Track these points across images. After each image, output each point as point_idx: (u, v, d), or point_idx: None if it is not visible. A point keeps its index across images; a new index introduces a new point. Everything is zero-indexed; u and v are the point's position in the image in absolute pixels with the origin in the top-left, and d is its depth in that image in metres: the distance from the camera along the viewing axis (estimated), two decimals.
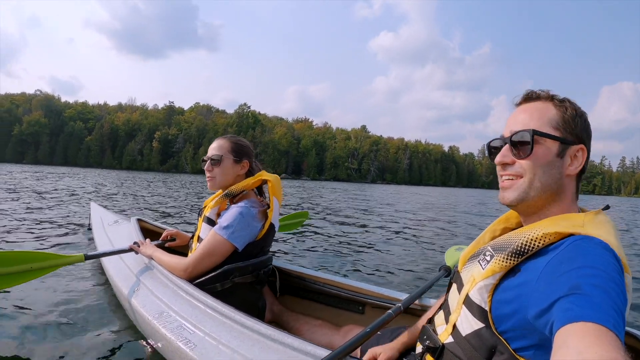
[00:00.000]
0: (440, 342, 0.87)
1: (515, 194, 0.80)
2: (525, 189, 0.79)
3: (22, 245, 3.80)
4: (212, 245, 1.55)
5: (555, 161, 0.77)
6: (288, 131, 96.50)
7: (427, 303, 1.49)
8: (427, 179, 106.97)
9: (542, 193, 0.78)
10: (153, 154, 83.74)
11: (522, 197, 0.79)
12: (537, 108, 0.80)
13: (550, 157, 0.77)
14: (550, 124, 0.78)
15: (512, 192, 0.80)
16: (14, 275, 1.53)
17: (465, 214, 11.32)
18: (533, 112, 0.80)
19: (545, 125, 0.78)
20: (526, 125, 0.79)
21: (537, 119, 0.79)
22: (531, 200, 0.79)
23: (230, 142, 1.73)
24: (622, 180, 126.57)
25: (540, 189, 0.78)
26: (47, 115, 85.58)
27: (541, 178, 0.78)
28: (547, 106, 0.80)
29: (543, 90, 0.83)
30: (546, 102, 0.81)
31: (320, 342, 1.55)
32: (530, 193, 0.78)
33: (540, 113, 0.79)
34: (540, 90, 0.83)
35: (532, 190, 0.78)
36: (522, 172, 0.79)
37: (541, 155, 0.77)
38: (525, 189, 0.79)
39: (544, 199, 0.79)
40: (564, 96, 0.81)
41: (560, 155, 0.77)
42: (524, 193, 0.79)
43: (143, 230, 2.60)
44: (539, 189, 0.78)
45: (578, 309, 0.54)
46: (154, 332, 1.36)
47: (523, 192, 0.79)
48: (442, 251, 4.86)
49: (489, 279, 0.76)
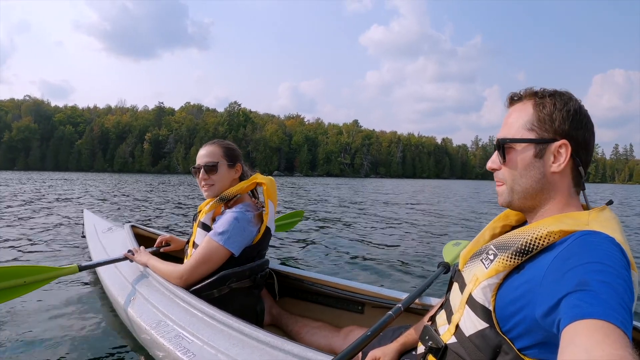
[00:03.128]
0: (442, 343, 0.86)
1: (502, 199, 0.83)
2: (508, 193, 0.81)
3: (15, 254, 3.73)
4: (208, 252, 1.51)
5: (533, 162, 0.77)
6: (279, 128, 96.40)
7: (427, 302, 1.48)
8: (421, 172, 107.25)
9: (525, 195, 0.79)
10: (144, 155, 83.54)
11: (509, 202, 0.82)
12: (517, 111, 0.81)
13: (527, 160, 0.77)
14: (525, 126, 0.78)
15: (501, 197, 0.83)
16: (7, 291, 1.51)
17: (460, 207, 10.98)
18: (513, 116, 0.81)
19: (520, 129, 0.78)
20: (505, 132, 0.81)
21: (514, 124, 0.80)
22: (517, 203, 0.81)
23: (221, 147, 1.68)
24: (616, 168, 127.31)
25: (522, 192, 0.79)
26: (36, 120, 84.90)
27: (520, 182, 0.79)
28: (525, 107, 0.80)
29: (528, 88, 0.82)
30: (527, 102, 0.80)
31: (321, 345, 1.57)
32: (514, 197, 0.80)
33: (517, 117, 0.80)
34: (524, 90, 0.82)
35: (515, 194, 0.80)
36: (503, 179, 0.82)
37: (516, 161, 0.79)
38: (508, 194, 0.81)
39: (530, 200, 0.79)
40: (552, 88, 0.79)
41: (539, 156, 0.77)
42: (508, 197, 0.81)
43: (137, 236, 2.58)
44: (520, 193, 0.79)
45: (585, 306, 0.54)
46: (152, 342, 1.34)
47: (508, 196, 0.81)
48: (439, 246, 4.71)
49: (492, 279, 0.76)
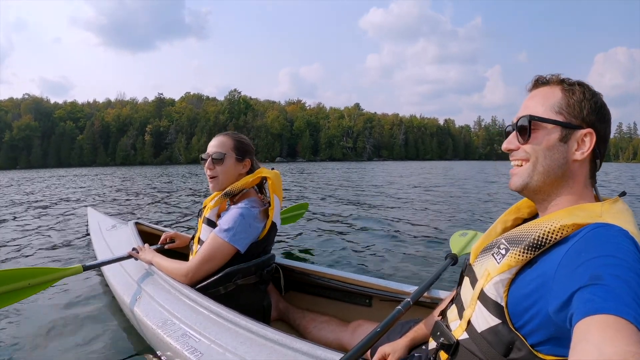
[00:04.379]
0: (454, 339, 0.85)
1: (520, 179, 0.81)
2: (529, 172, 0.79)
3: (20, 254, 3.69)
4: (213, 249, 1.49)
5: (557, 145, 0.77)
6: (280, 114, 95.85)
7: (435, 295, 1.46)
8: (424, 154, 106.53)
9: (545, 177, 0.78)
10: (146, 147, 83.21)
11: (526, 183, 0.80)
12: (543, 93, 0.81)
13: (552, 142, 0.77)
14: (553, 108, 0.78)
15: (518, 178, 0.81)
16: (12, 293, 1.50)
17: (468, 192, 10.39)
18: (538, 98, 0.81)
19: (548, 110, 0.78)
20: (530, 111, 0.80)
21: (541, 105, 0.79)
22: (535, 184, 0.79)
23: (232, 139, 1.65)
24: (620, 147, 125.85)
25: (543, 173, 0.78)
26: (36, 118, 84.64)
27: (543, 162, 0.78)
28: (553, 91, 0.80)
29: (554, 74, 0.82)
30: (554, 86, 0.80)
31: (329, 339, 1.57)
32: (534, 177, 0.79)
33: (544, 98, 0.80)
34: (550, 74, 0.83)
35: (536, 174, 0.79)
36: (526, 156, 0.80)
37: (541, 139, 0.78)
38: (529, 173, 0.79)
39: (549, 183, 0.79)
40: (577, 79, 0.80)
41: (564, 140, 0.77)
42: (528, 177, 0.79)
43: (141, 233, 2.54)
44: (541, 173, 0.78)
45: (598, 301, 0.53)
46: (158, 341, 1.33)
47: (527, 176, 0.80)
48: (446, 235, 4.46)
49: (504, 274, 0.75)
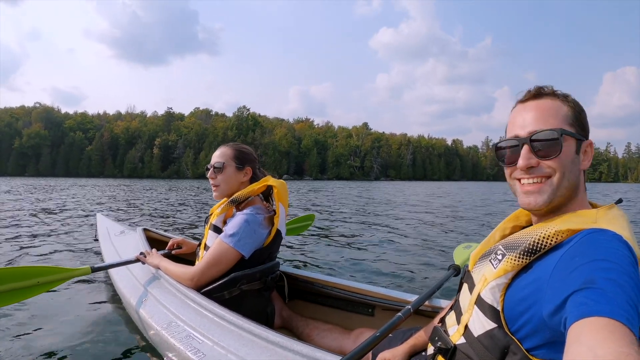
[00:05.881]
0: (452, 343, 0.86)
1: (545, 196, 0.77)
2: (554, 189, 0.77)
3: (30, 258, 3.74)
4: (219, 254, 1.54)
5: (575, 158, 0.77)
6: (288, 132, 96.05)
7: (437, 304, 1.48)
8: (432, 174, 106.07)
9: (567, 191, 0.78)
10: (154, 160, 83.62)
11: (552, 198, 0.77)
12: (549, 106, 0.78)
13: (572, 155, 0.77)
14: (567, 121, 0.77)
15: (541, 195, 0.77)
16: (21, 291, 1.53)
17: (472, 210, 10.84)
18: (547, 110, 0.78)
19: (563, 123, 0.77)
20: (546, 123, 0.77)
21: (554, 117, 0.77)
22: (558, 199, 0.78)
23: (232, 149, 1.73)
24: (629, 167, 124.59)
25: (567, 187, 0.77)
26: (47, 127, 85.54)
27: (569, 177, 0.77)
28: (557, 103, 0.78)
29: (547, 86, 0.81)
30: (554, 98, 0.79)
31: (331, 347, 1.56)
32: (558, 193, 0.77)
33: (554, 111, 0.78)
34: (544, 86, 0.81)
35: (560, 190, 0.77)
36: (550, 173, 0.77)
37: (568, 154, 0.77)
38: (554, 190, 0.77)
39: (567, 196, 0.78)
40: (564, 91, 0.80)
41: (578, 152, 0.78)
42: (552, 194, 0.77)
43: (149, 239, 2.60)
44: (566, 188, 0.77)
45: (592, 304, 0.54)
46: (163, 342, 1.36)
47: (552, 193, 0.77)
48: (450, 249, 4.61)
49: (501, 279, 0.76)
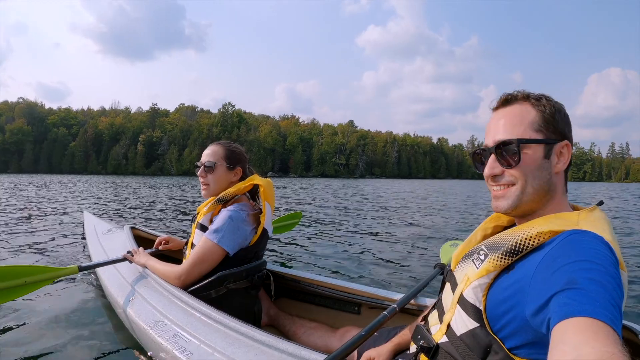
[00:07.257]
0: (434, 342, 0.86)
1: (509, 201, 0.79)
2: (518, 195, 0.78)
3: (16, 255, 3.72)
4: (204, 251, 1.54)
5: (543, 163, 0.78)
6: (274, 129, 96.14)
7: (422, 302, 1.49)
8: (417, 172, 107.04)
9: (534, 196, 0.78)
10: (138, 157, 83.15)
11: (516, 204, 0.79)
12: (516, 112, 0.79)
13: (539, 161, 0.77)
14: (532, 127, 0.77)
15: (506, 201, 0.80)
16: (8, 291, 1.52)
17: (457, 208, 10.84)
18: (513, 117, 0.79)
19: (528, 130, 0.77)
20: (509, 132, 0.78)
21: (519, 125, 0.78)
22: (525, 204, 0.79)
23: (224, 148, 1.71)
24: (612, 166, 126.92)
25: (533, 193, 0.78)
26: (29, 122, 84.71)
27: (533, 183, 0.78)
28: (525, 108, 0.79)
29: (519, 91, 0.81)
30: (523, 103, 0.80)
31: (317, 345, 1.60)
32: (524, 199, 0.78)
33: (520, 117, 0.79)
34: (515, 91, 0.82)
35: (525, 196, 0.78)
36: (513, 180, 0.79)
37: (529, 162, 0.77)
38: (518, 196, 0.78)
39: (537, 201, 0.79)
40: (539, 93, 0.81)
41: (547, 156, 0.78)
42: (517, 200, 0.79)
43: (137, 238, 2.63)
44: (531, 194, 0.78)
45: (575, 304, 0.54)
46: (150, 341, 1.36)
47: (516, 199, 0.79)
48: (436, 247, 4.60)
49: (483, 278, 0.76)
